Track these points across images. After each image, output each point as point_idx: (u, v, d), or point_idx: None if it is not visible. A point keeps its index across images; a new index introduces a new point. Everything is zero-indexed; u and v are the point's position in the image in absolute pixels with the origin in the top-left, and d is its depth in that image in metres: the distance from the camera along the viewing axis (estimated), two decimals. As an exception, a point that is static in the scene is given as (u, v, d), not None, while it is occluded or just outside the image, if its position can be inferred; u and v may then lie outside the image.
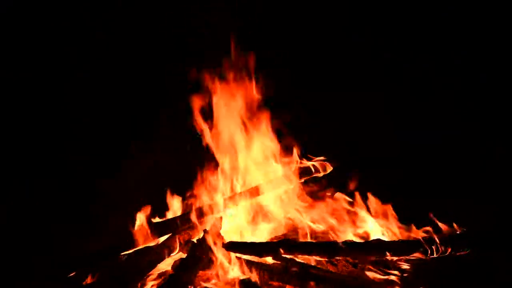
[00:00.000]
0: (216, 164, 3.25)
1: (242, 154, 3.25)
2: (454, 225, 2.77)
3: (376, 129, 3.97)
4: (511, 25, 3.81)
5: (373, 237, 2.77)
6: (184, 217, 2.94)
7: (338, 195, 3.14)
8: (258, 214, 3.08)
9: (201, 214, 2.95)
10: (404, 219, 2.89)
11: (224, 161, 3.23)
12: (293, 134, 3.40)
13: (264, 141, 3.28)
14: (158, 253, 2.70)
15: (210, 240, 2.61)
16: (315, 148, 3.41)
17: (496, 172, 3.60)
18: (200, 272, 2.52)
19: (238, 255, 2.56)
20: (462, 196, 3.29)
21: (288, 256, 2.48)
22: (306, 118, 3.98)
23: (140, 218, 3.11)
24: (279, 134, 3.34)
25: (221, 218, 2.92)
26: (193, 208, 3.03)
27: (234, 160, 3.23)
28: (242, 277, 2.45)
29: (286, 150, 3.34)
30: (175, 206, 3.24)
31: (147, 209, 3.14)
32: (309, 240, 2.82)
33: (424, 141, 3.86)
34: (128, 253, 2.75)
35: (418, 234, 2.74)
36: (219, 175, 3.24)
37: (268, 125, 3.28)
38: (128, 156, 4.19)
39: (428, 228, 2.75)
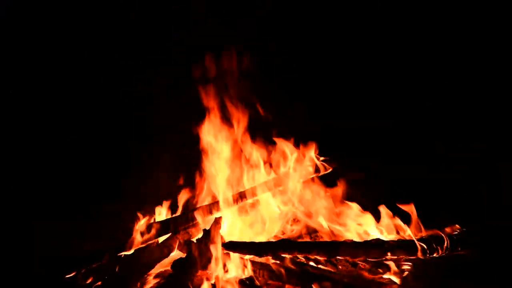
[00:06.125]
0: (216, 164, 3.25)
1: (242, 154, 3.25)
2: (455, 225, 2.78)
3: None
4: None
5: (372, 236, 2.76)
6: (184, 217, 2.94)
7: (338, 194, 3.14)
8: (258, 214, 3.08)
9: (201, 213, 2.95)
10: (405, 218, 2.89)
11: (224, 161, 3.24)
12: (293, 133, 3.40)
13: (264, 140, 3.29)
14: (157, 253, 2.70)
15: (209, 240, 2.61)
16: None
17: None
18: (200, 272, 2.51)
19: (238, 254, 2.55)
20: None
21: (287, 256, 2.47)
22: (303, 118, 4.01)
23: (141, 217, 3.12)
24: (279, 134, 3.35)
25: (221, 217, 2.92)
26: (193, 207, 3.03)
27: (234, 160, 3.23)
28: (242, 277, 2.45)
29: (287, 149, 3.34)
30: (175, 206, 3.25)
31: (148, 209, 3.15)
32: (308, 239, 2.81)
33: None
34: (128, 253, 2.75)
35: (418, 233, 2.74)
36: (219, 174, 3.24)
37: (268, 125, 3.29)
38: (129, 156, 4.21)
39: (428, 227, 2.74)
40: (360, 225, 2.89)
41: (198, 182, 3.27)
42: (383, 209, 2.90)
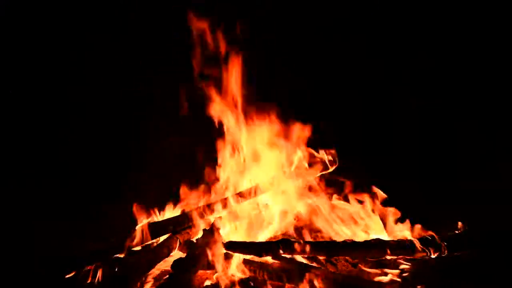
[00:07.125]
0: (217, 163, 3.26)
1: (243, 154, 3.26)
2: (456, 224, 2.78)
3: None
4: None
5: (372, 236, 2.76)
6: (184, 217, 2.94)
7: (337, 194, 3.14)
8: (258, 214, 3.08)
9: (201, 213, 2.95)
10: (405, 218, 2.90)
11: (225, 160, 3.24)
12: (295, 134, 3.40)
13: (266, 140, 3.29)
14: (157, 253, 2.70)
15: (209, 240, 2.61)
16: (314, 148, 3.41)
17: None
18: (200, 271, 2.51)
19: (238, 254, 2.55)
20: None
21: (287, 256, 2.47)
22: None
23: (141, 217, 3.12)
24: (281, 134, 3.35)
25: (221, 217, 2.92)
26: (193, 207, 3.03)
27: (234, 159, 3.23)
28: (242, 277, 2.45)
29: (288, 150, 3.34)
30: (175, 206, 3.25)
31: (148, 209, 3.15)
32: (308, 239, 2.81)
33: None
34: (128, 253, 2.75)
35: (418, 233, 2.75)
36: (219, 174, 3.24)
37: (272, 124, 3.29)
38: (129, 156, 4.21)
39: (428, 227, 2.75)
40: (360, 225, 2.90)
41: (198, 182, 3.27)
42: (382, 209, 2.91)
